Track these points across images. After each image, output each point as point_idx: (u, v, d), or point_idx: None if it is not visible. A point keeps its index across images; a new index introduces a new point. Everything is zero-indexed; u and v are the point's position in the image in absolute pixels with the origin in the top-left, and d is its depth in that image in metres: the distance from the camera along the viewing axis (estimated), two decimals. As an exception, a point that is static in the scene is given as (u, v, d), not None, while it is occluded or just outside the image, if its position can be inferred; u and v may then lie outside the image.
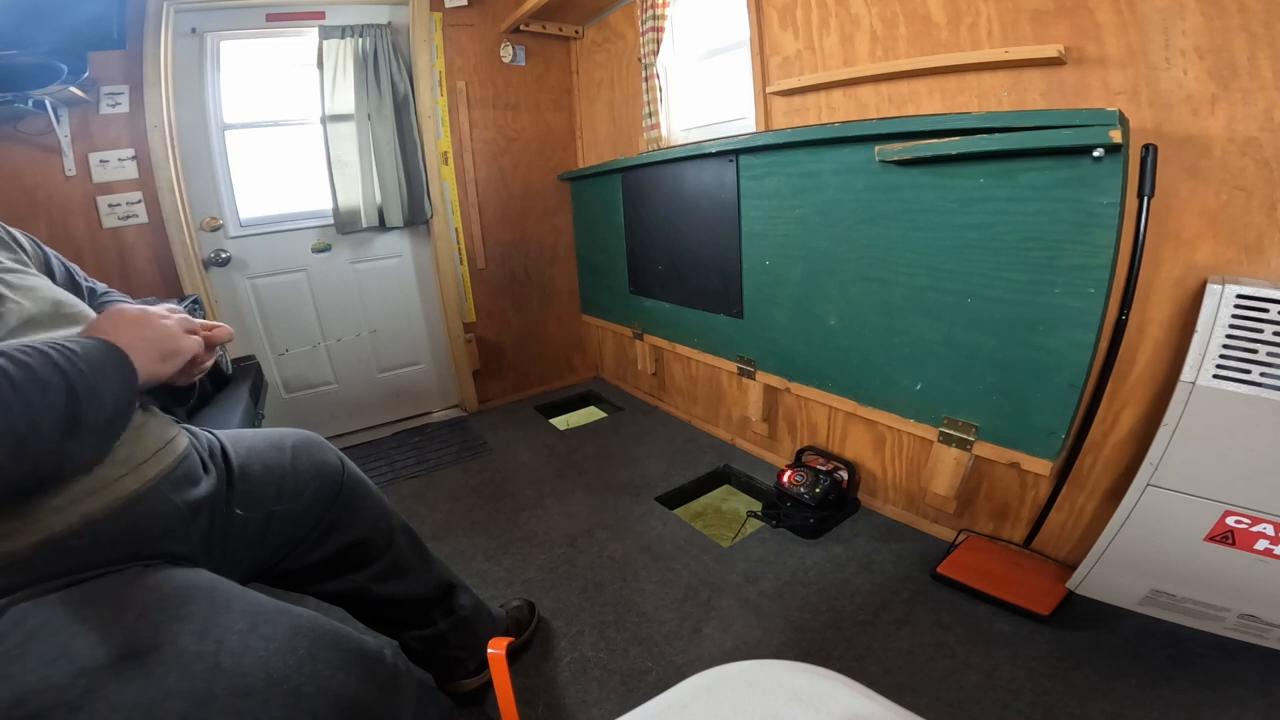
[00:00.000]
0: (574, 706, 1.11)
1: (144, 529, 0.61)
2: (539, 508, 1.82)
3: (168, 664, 0.50)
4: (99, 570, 0.55)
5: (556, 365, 2.95)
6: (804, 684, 0.46)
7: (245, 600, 0.59)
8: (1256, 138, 0.95)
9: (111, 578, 0.55)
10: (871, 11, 1.44)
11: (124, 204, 1.92)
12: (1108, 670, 1.08)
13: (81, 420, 0.50)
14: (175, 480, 0.67)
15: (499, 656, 0.58)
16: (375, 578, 0.93)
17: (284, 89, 2.19)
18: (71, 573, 0.54)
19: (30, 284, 0.64)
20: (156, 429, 0.69)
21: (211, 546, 0.71)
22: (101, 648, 0.48)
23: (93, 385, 0.51)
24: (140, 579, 0.56)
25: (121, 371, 0.55)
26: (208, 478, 0.73)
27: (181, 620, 0.53)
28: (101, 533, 0.57)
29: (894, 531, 1.58)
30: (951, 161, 1.22)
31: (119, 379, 0.55)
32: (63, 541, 0.54)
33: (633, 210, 2.30)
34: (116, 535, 0.58)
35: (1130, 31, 1.04)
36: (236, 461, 0.79)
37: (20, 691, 0.45)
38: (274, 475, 0.82)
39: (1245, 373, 0.94)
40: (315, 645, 0.59)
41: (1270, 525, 0.97)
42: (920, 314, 1.38)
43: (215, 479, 0.74)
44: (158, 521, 0.63)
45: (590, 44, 2.56)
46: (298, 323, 2.33)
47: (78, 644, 0.48)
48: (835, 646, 1.20)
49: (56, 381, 0.48)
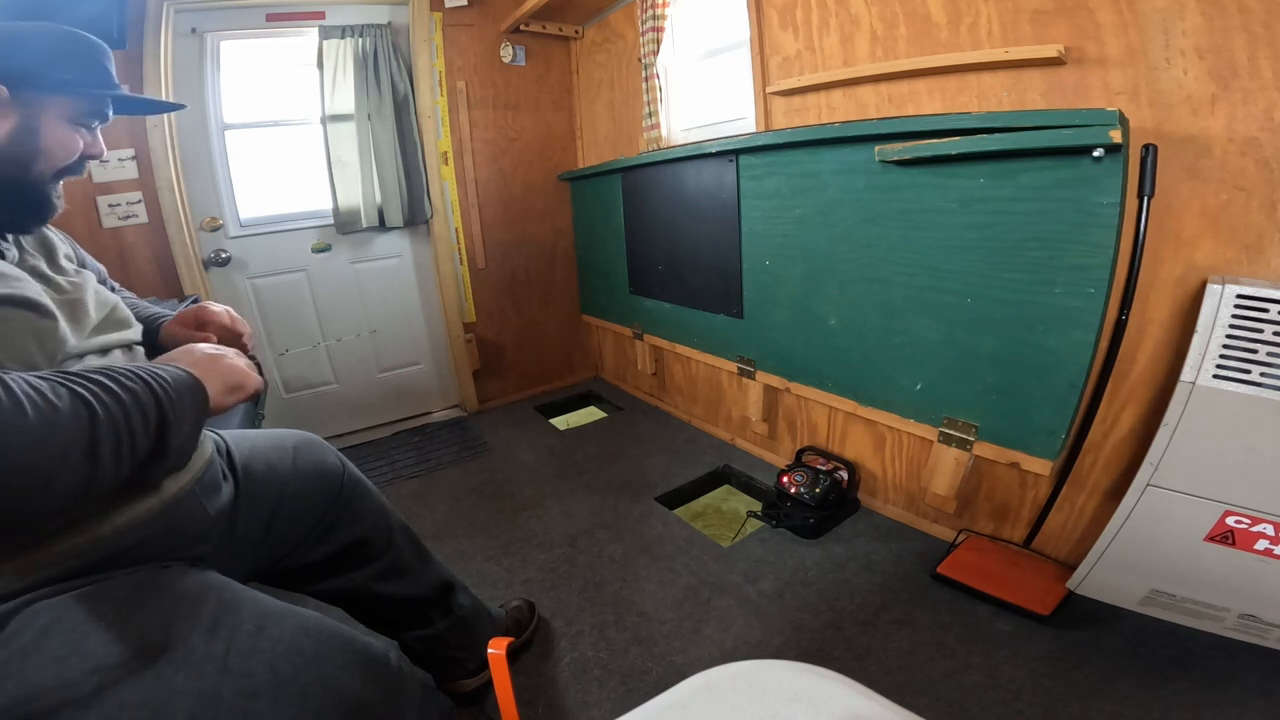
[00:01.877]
0: (574, 706, 1.11)
1: (179, 530, 0.63)
2: (539, 508, 1.82)
3: (176, 664, 0.50)
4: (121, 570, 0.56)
5: (556, 365, 2.95)
6: (804, 684, 0.46)
7: (254, 602, 0.60)
8: (1256, 138, 0.95)
9: (125, 578, 0.55)
10: (871, 11, 1.44)
11: (124, 204, 1.92)
12: (1108, 670, 1.08)
13: (168, 444, 0.52)
14: (206, 485, 0.69)
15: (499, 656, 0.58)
16: (374, 577, 0.94)
17: (284, 89, 2.19)
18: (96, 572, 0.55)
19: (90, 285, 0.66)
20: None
21: (220, 547, 0.72)
22: (113, 647, 0.49)
23: (180, 414, 0.54)
24: (154, 580, 0.57)
25: (198, 401, 0.58)
26: (227, 483, 0.75)
27: (191, 621, 0.54)
28: (145, 535, 0.59)
29: (894, 531, 1.58)
30: (951, 161, 1.22)
31: (195, 408, 0.57)
32: (109, 543, 0.56)
33: (633, 210, 2.30)
34: (155, 537, 0.60)
35: (1130, 31, 1.04)
36: (240, 461, 0.80)
37: (32, 688, 0.46)
38: (277, 475, 0.82)
39: (1245, 373, 0.94)
40: (322, 646, 0.60)
41: (1270, 525, 0.97)
42: (920, 314, 1.38)
43: (232, 483, 0.76)
44: (191, 524, 0.65)
45: (590, 44, 2.56)
46: (298, 323, 2.33)
47: (90, 642, 0.48)
48: (835, 646, 1.20)
49: (153, 408, 0.51)
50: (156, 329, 0.81)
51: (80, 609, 0.50)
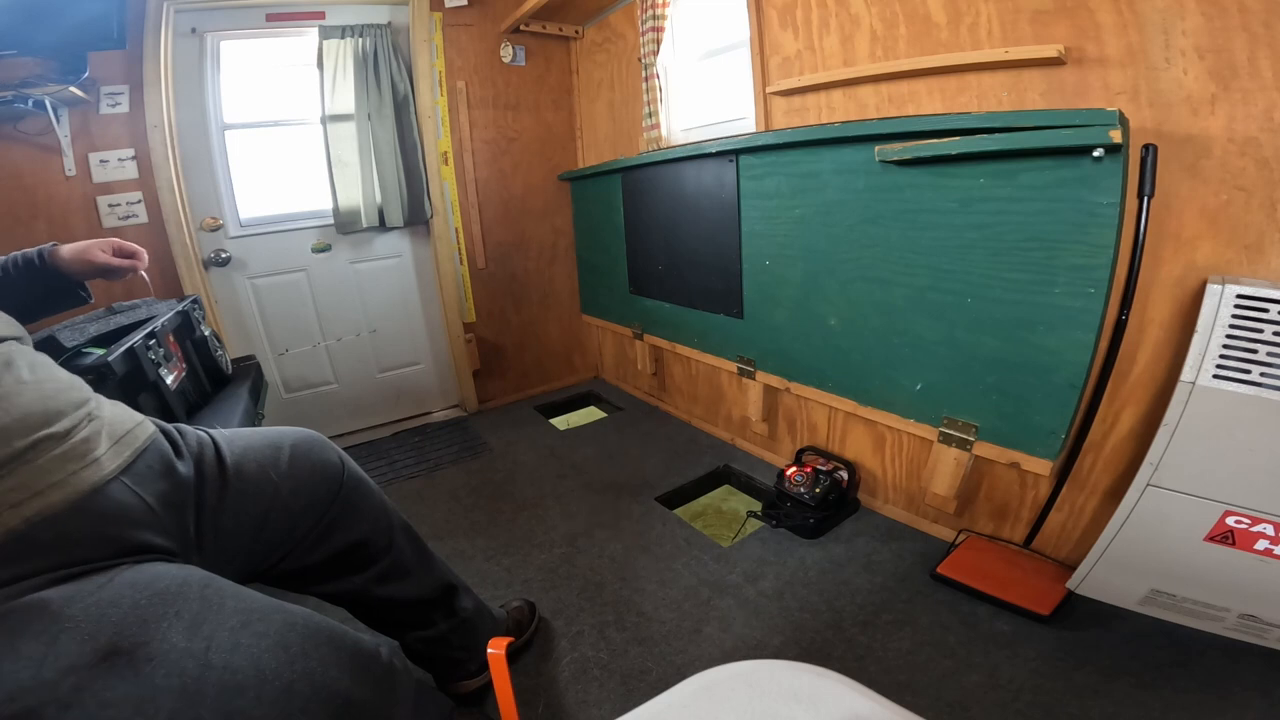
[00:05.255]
0: (574, 706, 1.11)
1: (111, 521, 0.59)
2: (539, 508, 1.82)
3: (156, 661, 0.50)
4: (83, 566, 0.54)
5: (556, 365, 2.95)
6: (803, 684, 0.46)
7: (238, 597, 0.59)
8: (1256, 138, 0.95)
9: (100, 574, 0.54)
10: (871, 11, 1.44)
11: (124, 204, 1.92)
12: (1108, 670, 1.08)
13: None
14: (138, 473, 0.65)
15: (499, 656, 0.58)
16: (375, 579, 0.93)
17: (284, 89, 2.19)
18: (50, 569, 0.53)
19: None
20: (116, 422, 0.68)
21: (203, 543, 0.71)
22: (89, 644, 0.48)
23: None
24: (129, 575, 0.55)
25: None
26: (182, 469, 0.71)
27: (171, 618, 0.53)
28: (66, 527, 0.56)
29: (894, 531, 1.58)
30: (951, 161, 1.22)
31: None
32: (25, 536, 0.53)
33: (633, 210, 2.30)
34: (82, 529, 0.57)
35: (1130, 31, 1.04)
36: (230, 459, 0.78)
37: (11, 689, 0.45)
38: (268, 473, 0.81)
39: (1245, 373, 0.94)
40: (309, 643, 0.59)
41: (1270, 525, 0.97)
42: (920, 314, 1.38)
43: (190, 472, 0.73)
44: (123, 514, 0.61)
45: (590, 44, 2.56)
46: (298, 323, 2.33)
47: (63, 642, 0.48)
48: (835, 646, 1.20)
49: None
50: (43, 254, 0.88)
51: (54, 607, 0.50)
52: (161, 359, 1.21)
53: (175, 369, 1.29)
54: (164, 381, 1.19)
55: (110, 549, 0.58)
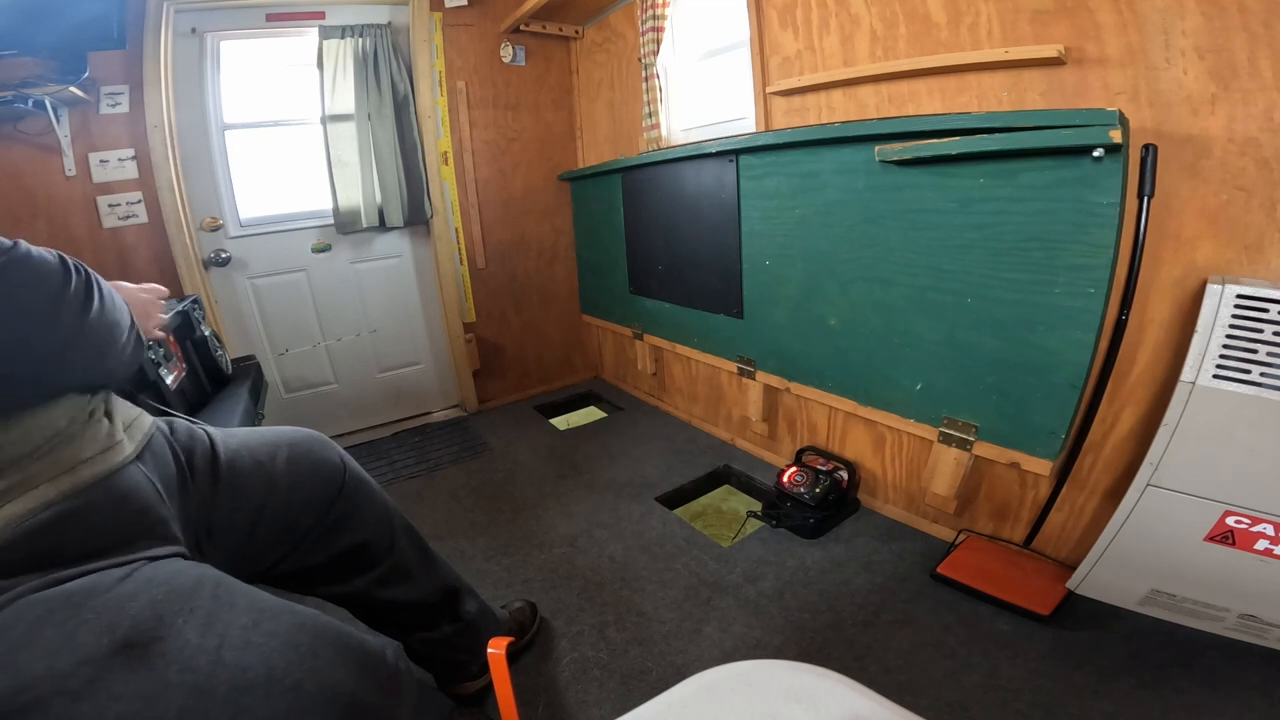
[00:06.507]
0: (574, 706, 1.11)
1: (133, 502, 0.61)
2: (539, 508, 1.82)
3: (169, 656, 0.50)
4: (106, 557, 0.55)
5: (556, 365, 2.95)
6: (803, 684, 0.46)
7: (249, 596, 0.60)
8: (1256, 138, 0.95)
9: (119, 569, 0.55)
10: (871, 11, 1.43)
11: (124, 204, 1.92)
12: (1108, 670, 1.08)
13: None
14: (147, 461, 0.67)
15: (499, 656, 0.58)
16: (376, 583, 0.93)
17: (284, 89, 2.19)
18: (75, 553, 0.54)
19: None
20: (125, 411, 0.70)
21: (200, 541, 0.71)
22: (105, 638, 0.49)
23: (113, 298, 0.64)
24: (147, 571, 0.56)
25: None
26: (174, 460, 0.72)
27: (186, 614, 0.53)
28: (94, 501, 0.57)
29: (894, 531, 1.58)
30: (951, 161, 1.22)
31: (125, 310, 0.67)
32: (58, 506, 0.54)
33: (633, 210, 2.30)
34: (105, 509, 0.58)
35: (1130, 31, 1.04)
36: (224, 454, 0.78)
37: (24, 679, 0.45)
38: (265, 473, 0.81)
39: (1245, 373, 0.94)
40: (318, 642, 0.59)
41: (1270, 525, 0.97)
42: (920, 314, 1.38)
43: (178, 465, 0.73)
44: (142, 497, 0.62)
45: (590, 44, 2.56)
46: (298, 323, 2.33)
47: (82, 633, 0.48)
48: (835, 646, 1.20)
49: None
50: None
51: (74, 600, 0.50)
52: (161, 359, 1.21)
53: (175, 369, 1.29)
54: (164, 381, 1.19)
55: (130, 532, 0.59)
